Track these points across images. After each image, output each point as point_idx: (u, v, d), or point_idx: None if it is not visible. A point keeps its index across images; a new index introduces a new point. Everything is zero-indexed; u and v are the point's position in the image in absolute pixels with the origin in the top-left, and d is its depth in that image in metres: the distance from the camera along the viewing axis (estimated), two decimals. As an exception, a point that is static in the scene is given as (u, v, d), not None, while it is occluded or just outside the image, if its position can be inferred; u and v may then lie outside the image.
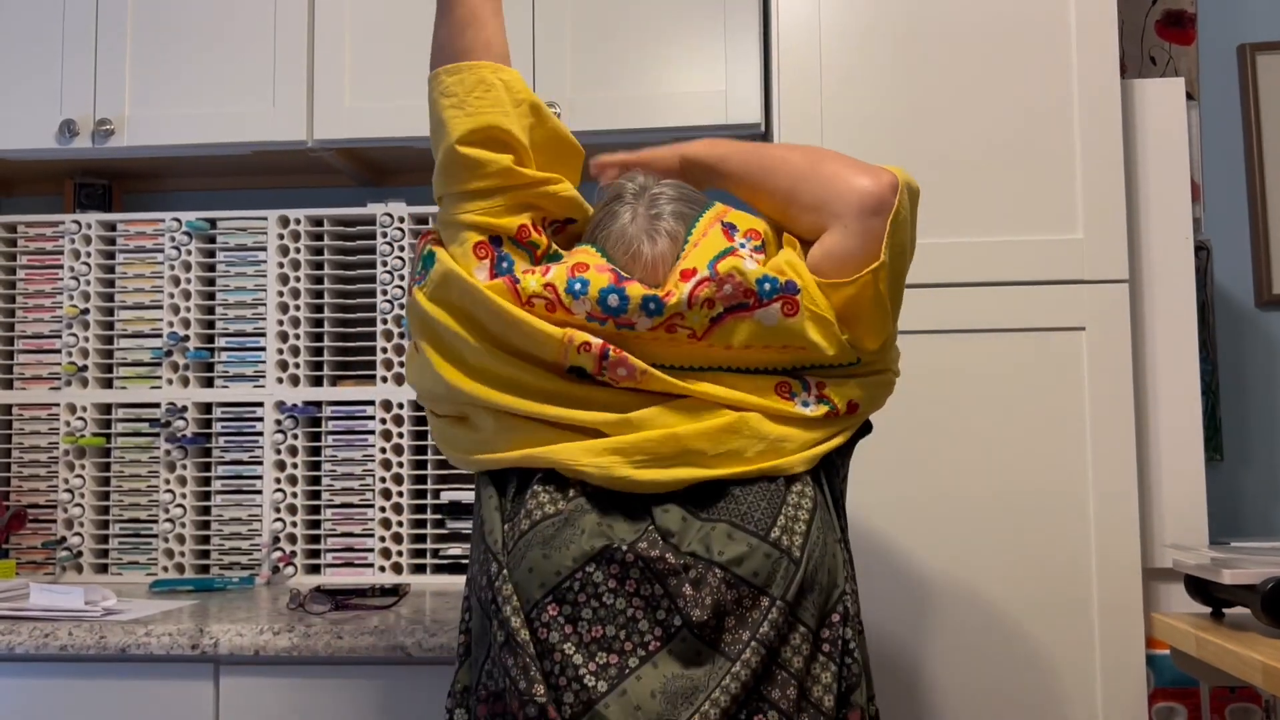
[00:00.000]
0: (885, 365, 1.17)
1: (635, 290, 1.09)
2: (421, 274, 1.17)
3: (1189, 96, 1.85)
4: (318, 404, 2.01)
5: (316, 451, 2.02)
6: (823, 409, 1.11)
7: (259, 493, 2.01)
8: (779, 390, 1.10)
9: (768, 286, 1.09)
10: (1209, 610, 1.51)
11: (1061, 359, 1.62)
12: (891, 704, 1.57)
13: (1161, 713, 1.60)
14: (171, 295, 2.04)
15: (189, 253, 2.04)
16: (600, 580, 1.01)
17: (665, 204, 1.17)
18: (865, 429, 1.19)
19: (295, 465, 2.00)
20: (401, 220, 2.01)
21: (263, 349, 2.03)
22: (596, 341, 1.08)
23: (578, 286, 1.09)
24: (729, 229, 1.16)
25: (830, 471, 1.14)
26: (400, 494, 1.97)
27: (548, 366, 1.11)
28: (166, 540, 2.01)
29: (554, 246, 1.20)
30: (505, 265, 1.14)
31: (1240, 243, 2.10)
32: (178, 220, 2.04)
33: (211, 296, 2.06)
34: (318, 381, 2.04)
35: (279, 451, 2.00)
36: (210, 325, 2.06)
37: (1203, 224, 2.09)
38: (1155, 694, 1.60)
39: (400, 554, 1.97)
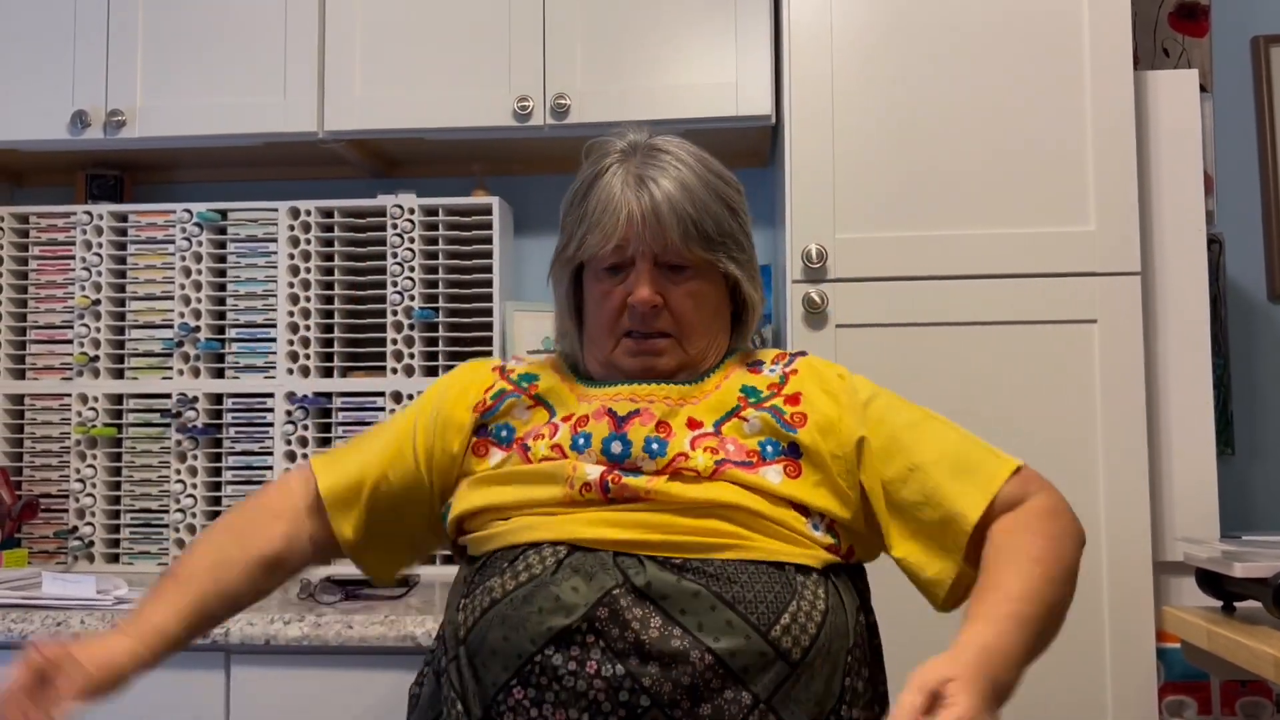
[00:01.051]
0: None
1: (637, 434, 1.07)
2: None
3: (1202, 88, 1.84)
4: (328, 395, 2.01)
5: (327, 442, 2.03)
6: (829, 540, 1.05)
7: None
8: (795, 507, 1.05)
9: (769, 449, 1.07)
10: (1220, 604, 1.50)
11: (1072, 352, 1.62)
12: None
13: (1172, 706, 1.60)
14: (182, 286, 2.05)
15: (200, 244, 2.05)
16: (560, 663, 0.95)
17: (668, 160, 1.10)
18: None
19: (306, 456, 2.00)
20: (412, 212, 2.01)
21: (273, 340, 2.03)
22: (594, 475, 1.04)
23: (581, 441, 1.08)
24: (746, 395, 1.12)
25: (854, 574, 1.10)
26: (410, 485, 1.97)
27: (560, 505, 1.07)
28: (178, 530, 2.01)
29: (514, 377, 1.18)
30: (505, 434, 1.13)
31: (1253, 236, 2.09)
32: (189, 211, 2.05)
33: (222, 288, 2.07)
34: (328, 373, 2.04)
35: (289, 442, 2.00)
36: (221, 316, 2.06)
37: (1215, 216, 2.08)
38: (1165, 687, 1.60)
39: (410, 545, 1.97)
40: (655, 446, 1.05)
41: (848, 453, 1.07)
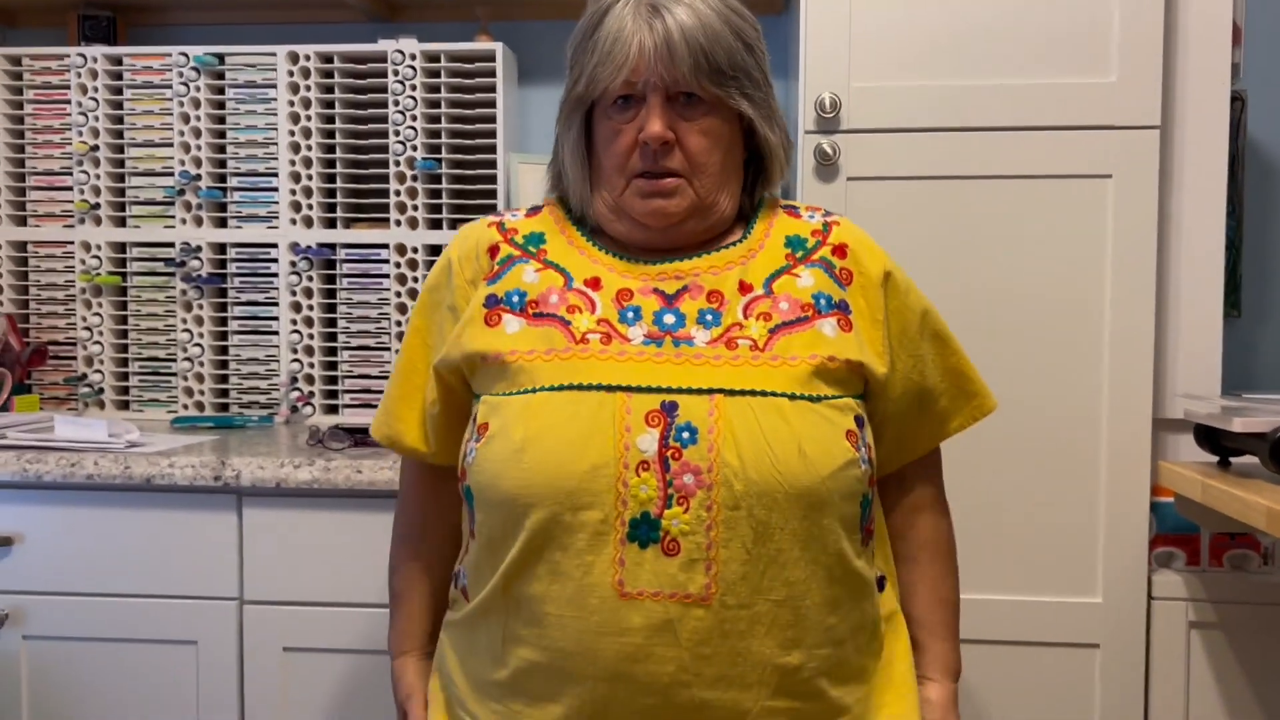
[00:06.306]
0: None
1: (690, 307, 1.05)
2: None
3: (1237, -66, 1.76)
4: (332, 246, 2.00)
5: (332, 294, 2.03)
6: (868, 474, 1.05)
7: (276, 334, 2.02)
8: (849, 437, 1.03)
9: (823, 302, 1.07)
10: (1216, 459, 1.52)
11: (1085, 207, 1.59)
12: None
13: (1161, 557, 1.64)
14: (182, 133, 2.01)
15: (198, 89, 2.00)
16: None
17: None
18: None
19: (311, 307, 2.00)
20: (413, 58, 1.95)
21: (275, 189, 2.01)
22: (652, 447, 0.98)
23: (630, 314, 1.06)
24: (792, 246, 1.11)
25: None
26: (415, 337, 1.98)
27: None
28: (186, 379, 2.03)
29: (519, 238, 1.14)
30: (517, 299, 1.08)
31: (1277, 94, 2.03)
32: (185, 55, 2.00)
33: (222, 135, 2.03)
34: (331, 224, 2.02)
35: (294, 293, 2.00)
36: (222, 164, 2.03)
37: (1241, 69, 2.02)
38: (1156, 539, 1.63)
39: (416, 396, 1.99)
40: (709, 317, 1.05)
41: (879, 317, 1.10)
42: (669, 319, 1.05)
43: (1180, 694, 1.62)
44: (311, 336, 2.01)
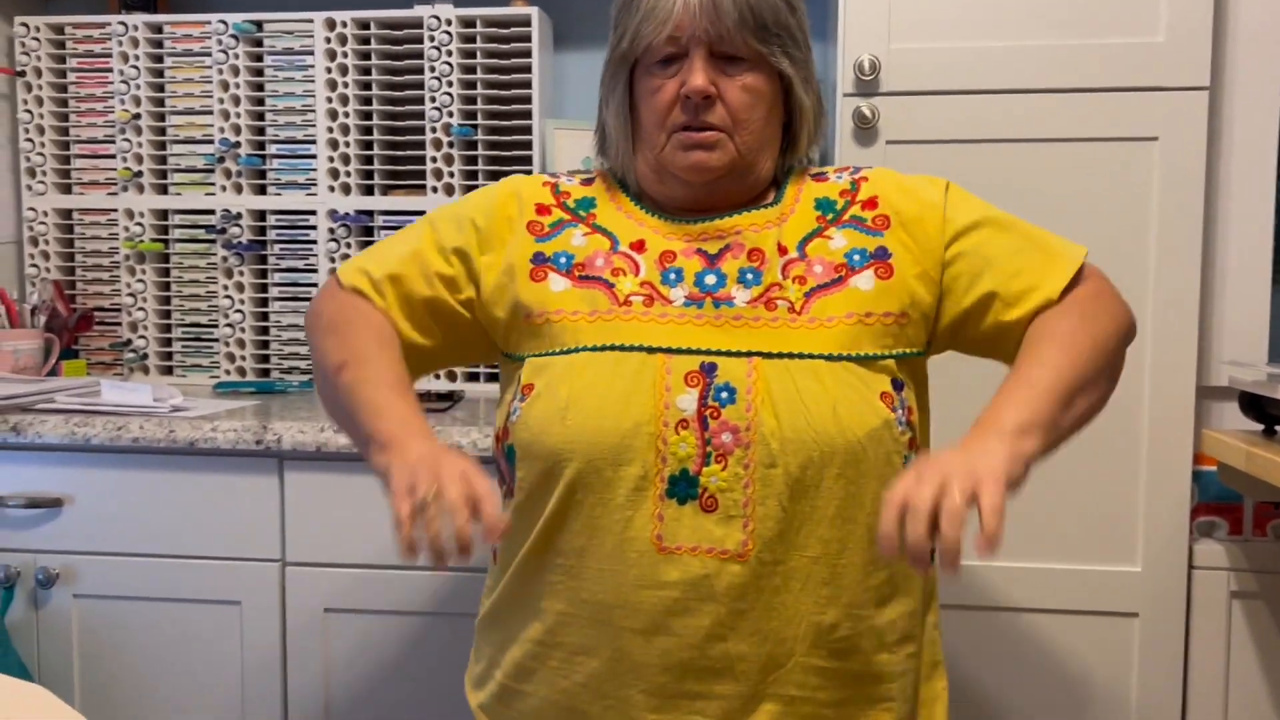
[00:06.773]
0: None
1: (731, 266, 1.06)
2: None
3: (1294, -113, 1.70)
4: (369, 213, 2.01)
5: (370, 260, 2.04)
6: (906, 436, 1.04)
7: (315, 300, 2.04)
8: (884, 399, 1.02)
9: (857, 258, 1.07)
10: (1260, 428, 1.50)
11: (1130, 170, 1.56)
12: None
13: (1203, 527, 1.62)
14: (221, 100, 2.03)
15: (236, 56, 2.01)
16: None
17: None
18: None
19: (349, 273, 2.02)
20: (449, 23, 1.95)
21: (313, 156, 2.02)
22: (691, 406, 1.00)
23: (672, 276, 1.07)
24: (822, 209, 1.11)
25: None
26: (453, 303, 1.99)
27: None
28: (227, 344, 2.06)
29: (571, 202, 1.15)
30: (564, 261, 1.09)
31: (1333, 53, 1.97)
32: (224, 23, 2.00)
33: (261, 102, 2.04)
34: (369, 190, 2.03)
35: (333, 260, 2.02)
36: (261, 131, 2.05)
37: (1295, 29, 1.96)
38: (1198, 508, 1.61)
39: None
40: (750, 276, 1.06)
41: (935, 245, 1.09)
42: (710, 279, 1.06)
43: (1220, 664, 1.61)
44: (350, 303, 2.02)
